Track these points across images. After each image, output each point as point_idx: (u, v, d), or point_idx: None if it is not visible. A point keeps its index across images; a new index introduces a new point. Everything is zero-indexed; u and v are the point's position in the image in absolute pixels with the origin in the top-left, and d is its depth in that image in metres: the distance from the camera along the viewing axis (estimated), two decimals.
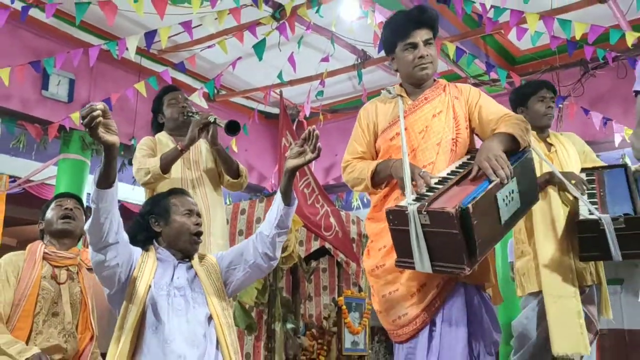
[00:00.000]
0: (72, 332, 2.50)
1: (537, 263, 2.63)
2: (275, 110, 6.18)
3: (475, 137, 2.23)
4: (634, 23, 4.61)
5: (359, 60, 5.24)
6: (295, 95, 6.11)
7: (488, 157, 1.83)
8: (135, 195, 5.79)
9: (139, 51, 4.55)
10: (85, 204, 4.05)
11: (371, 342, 5.13)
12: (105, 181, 1.80)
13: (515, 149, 1.94)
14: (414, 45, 2.12)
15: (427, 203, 1.76)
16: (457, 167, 2.02)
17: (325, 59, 4.92)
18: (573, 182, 2.54)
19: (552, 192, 2.66)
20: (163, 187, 2.67)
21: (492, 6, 4.03)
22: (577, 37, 4.08)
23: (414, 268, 1.82)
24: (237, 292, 2.36)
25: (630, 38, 4.14)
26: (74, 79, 4.95)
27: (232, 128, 2.64)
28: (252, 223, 3.95)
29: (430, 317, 1.99)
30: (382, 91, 2.28)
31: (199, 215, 2.22)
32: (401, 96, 2.20)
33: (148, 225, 2.17)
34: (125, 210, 6.32)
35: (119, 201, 6.65)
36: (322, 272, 4.62)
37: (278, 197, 2.09)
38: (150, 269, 2.06)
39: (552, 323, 2.54)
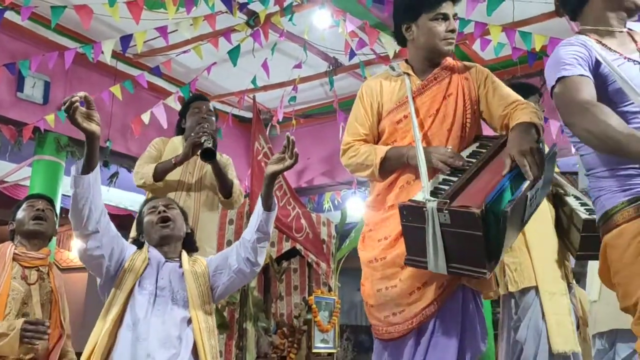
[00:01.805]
0: None
1: (531, 258, 2.61)
2: (249, 115, 6.28)
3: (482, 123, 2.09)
4: None
5: (331, 68, 5.36)
6: (269, 100, 6.22)
7: (526, 151, 1.64)
8: (110, 196, 5.83)
9: (115, 55, 4.61)
10: (60, 205, 4.12)
11: (340, 339, 5.26)
12: (85, 168, 1.90)
13: (536, 140, 1.77)
14: (446, 17, 1.95)
15: (447, 200, 1.61)
16: (468, 156, 1.87)
17: (298, 66, 5.04)
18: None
19: None
20: (160, 190, 2.82)
21: (457, 17, 4.21)
22: (537, 49, 4.28)
23: (425, 268, 1.68)
24: (223, 297, 2.37)
25: None
26: (49, 82, 4.98)
27: (207, 155, 2.74)
28: (225, 225, 4.06)
29: (429, 317, 1.86)
30: (385, 66, 2.13)
31: (166, 206, 2.29)
32: (408, 74, 2.02)
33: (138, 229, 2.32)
34: None
35: None
36: (293, 272, 4.74)
37: (259, 202, 2.15)
38: (139, 266, 2.11)
39: (549, 320, 2.52)
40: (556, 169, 2.93)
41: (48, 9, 3.98)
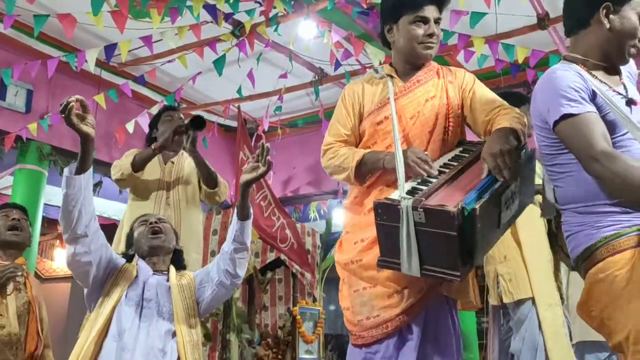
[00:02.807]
0: (19, 344, 2.49)
1: (527, 269, 2.58)
2: (235, 124, 6.27)
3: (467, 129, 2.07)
4: None
5: (316, 78, 5.39)
6: (255, 110, 6.22)
7: (497, 154, 1.63)
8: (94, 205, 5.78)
9: (99, 64, 4.59)
10: (42, 214, 4.07)
11: (325, 350, 5.25)
12: (79, 170, 1.90)
13: (516, 146, 1.73)
14: (425, 21, 1.92)
15: (423, 198, 1.57)
16: (450, 160, 1.86)
17: (284, 76, 5.05)
18: None
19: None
20: (140, 191, 2.79)
21: (441, 29, 4.26)
22: (520, 61, 4.34)
23: (399, 269, 1.63)
24: (209, 312, 2.36)
25: None
26: (32, 90, 4.94)
27: (197, 123, 2.74)
28: (209, 235, 4.03)
29: (405, 323, 1.81)
30: (368, 70, 2.09)
31: (158, 220, 2.29)
32: (391, 76, 2.00)
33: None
34: None
35: None
36: (278, 282, 4.73)
37: (235, 212, 2.14)
38: (128, 278, 2.11)
39: (546, 332, 2.49)
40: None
41: (31, 17, 3.95)
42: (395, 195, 1.64)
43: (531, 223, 2.62)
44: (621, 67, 1.71)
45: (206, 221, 4.10)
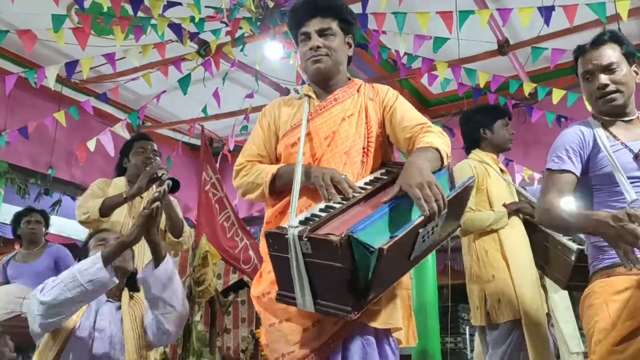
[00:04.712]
0: None
1: (515, 290, 2.55)
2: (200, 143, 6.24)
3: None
4: (531, 74, 5.07)
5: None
6: (221, 129, 6.19)
7: (420, 184, 1.46)
8: (52, 224, 5.62)
9: (60, 80, 4.50)
10: None
11: None
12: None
13: (438, 168, 1.64)
14: (308, 36, 1.84)
15: (311, 227, 1.44)
16: (366, 183, 1.70)
17: (250, 95, 5.05)
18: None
19: (516, 218, 2.69)
20: (105, 225, 2.67)
21: (405, 53, 4.33)
22: (482, 85, 4.44)
23: (295, 304, 1.51)
24: (157, 347, 2.24)
25: (527, 88, 4.55)
26: None
27: (175, 187, 2.55)
28: None
29: (324, 358, 1.62)
30: (291, 90, 2.02)
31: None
32: (309, 96, 1.89)
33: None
34: None
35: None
36: (241, 304, 4.66)
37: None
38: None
39: (534, 355, 2.46)
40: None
41: None
42: (287, 224, 1.50)
43: (518, 241, 2.65)
44: None
45: None
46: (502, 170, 2.90)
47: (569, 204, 1.81)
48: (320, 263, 1.40)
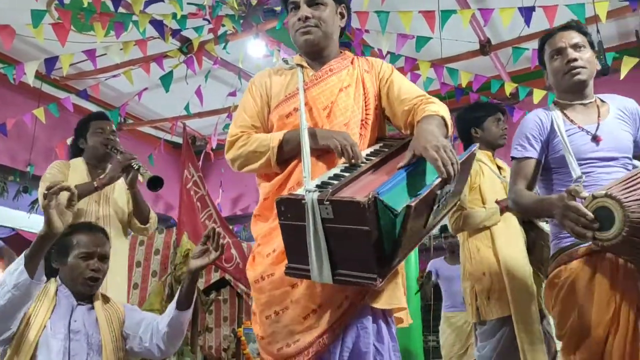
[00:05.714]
0: None
1: (506, 287, 2.54)
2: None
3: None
4: (512, 74, 5.12)
5: None
6: (204, 127, 6.15)
7: (437, 147, 1.45)
8: (31, 223, 5.55)
9: (40, 76, 4.44)
10: None
11: None
12: (31, 268, 1.74)
13: (445, 136, 1.62)
14: (296, 6, 1.77)
15: (332, 191, 1.37)
16: (369, 155, 1.66)
17: (233, 94, 5.03)
18: None
19: (510, 214, 2.67)
20: None
21: (388, 52, 4.35)
22: (464, 85, 4.48)
23: (309, 277, 1.43)
24: (134, 357, 2.22)
25: (509, 88, 4.60)
26: None
27: (155, 183, 2.54)
28: (151, 254, 3.93)
29: (326, 347, 1.57)
30: (278, 62, 1.91)
31: (101, 258, 2.08)
32: (301, 66, 1.80)
33: (48, 258, 2.03)
34: (21, 238, 6.03)
35: (14, 229, 6.31)
36: (223, 303, 4.63)
37: (177, 296, 2.02)
38: (46, 308, 1.93)
39: (527, 352, 2.46)
40: None
41: None
42: (301, 190, 1.43)
43: (511, 237, 2.65)
44: (614, 102, 1.98)
45: (148, 240, 3.99)
46: (499, 167, 2.89)
47: (529, 191, 1.92)
48: (343, 228, 1.32)
